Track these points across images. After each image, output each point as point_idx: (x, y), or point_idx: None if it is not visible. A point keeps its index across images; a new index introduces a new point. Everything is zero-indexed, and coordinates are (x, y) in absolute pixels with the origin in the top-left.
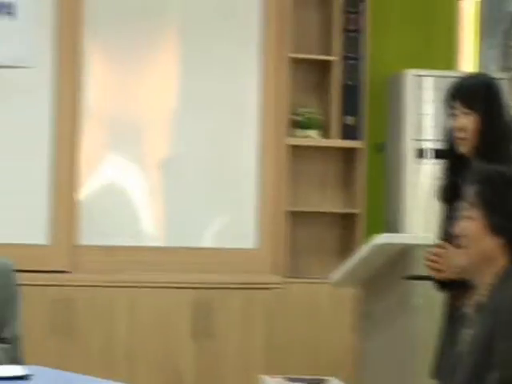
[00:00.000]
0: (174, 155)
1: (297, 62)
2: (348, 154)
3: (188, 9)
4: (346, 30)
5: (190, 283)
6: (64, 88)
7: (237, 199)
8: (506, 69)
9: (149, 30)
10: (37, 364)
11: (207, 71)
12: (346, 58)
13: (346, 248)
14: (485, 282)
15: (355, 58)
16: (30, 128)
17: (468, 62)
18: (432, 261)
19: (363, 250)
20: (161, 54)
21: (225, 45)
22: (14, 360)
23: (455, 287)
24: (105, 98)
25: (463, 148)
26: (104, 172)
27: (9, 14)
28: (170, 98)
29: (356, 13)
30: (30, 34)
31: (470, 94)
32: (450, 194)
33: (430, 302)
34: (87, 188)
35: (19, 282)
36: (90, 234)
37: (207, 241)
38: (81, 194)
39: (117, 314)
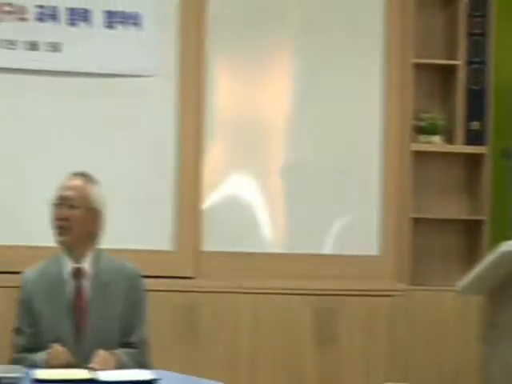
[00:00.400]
0: (295, 163)
1: (420, 67)
2: (473, 160)
3: (309, 16)
4: (471, 34)
5: (313, 290)
6: (188, 98)
7: (359, 205)
8: None
9: (270, 39)
10: (162, 369)
11: (330, 78)
12: (470, 62)
13: (470, 255)
14: None
15: (480, 62)
16: (155, 138)
17: None
18: None
19: (490, 258)
20: (283, 63)
21: (347, 51)
22: (142, 364)
23: None
24: (227, 108)
25: None
26: (227, 180)
27: (135, 24)
28: (292, 105)
29: (481, 16)
30: (155, 44)
31: None
32: None
33: None
34: (211, 195)
35: (147, 288)
36: (214, 241)
37: (329, 247)
38: (205, 201)
39: (240, 319)
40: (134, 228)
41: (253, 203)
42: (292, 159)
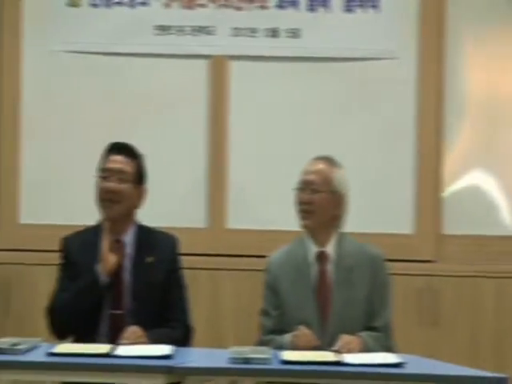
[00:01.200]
0: None
1: None
2: None
3: None
4: None
5: None
6: (428, 82)
7: None
8: None
9: None
10: (404, 353)
11: None
12: None
13: None
14: None
15: None
16: (395, 121)
17: None
18: None
19: None
20: None
21: None
22: (387, 348)
23: None
24: (468, 91)
25: None
26: (468, 163)
27: (373, 7)
28: None
29: None
30: (394, 25)
31: None
32: None
33: None
34: (453, 177)
35: (390, 271)
36: (455, 224)
37: None
38: (447, 183)
39: (483, 303)
40: (374, 211)
41: (495, 185)
42: None
